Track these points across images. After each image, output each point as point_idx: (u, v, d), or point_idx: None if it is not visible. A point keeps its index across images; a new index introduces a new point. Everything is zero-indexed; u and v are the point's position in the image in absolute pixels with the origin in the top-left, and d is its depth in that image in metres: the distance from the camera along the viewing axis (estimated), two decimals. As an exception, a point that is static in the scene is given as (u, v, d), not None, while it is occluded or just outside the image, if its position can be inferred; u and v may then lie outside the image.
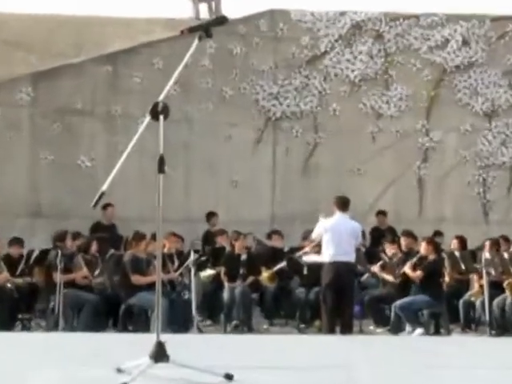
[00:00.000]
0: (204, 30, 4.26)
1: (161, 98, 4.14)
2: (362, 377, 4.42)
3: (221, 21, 4.44)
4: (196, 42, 4.28)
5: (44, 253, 11.87)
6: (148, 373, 3.98)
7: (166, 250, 11.84)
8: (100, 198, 4.14)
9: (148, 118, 4.15)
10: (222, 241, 13.18)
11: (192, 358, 4.24)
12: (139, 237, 11.53)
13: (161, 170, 4.14)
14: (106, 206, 13.13)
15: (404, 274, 11.90)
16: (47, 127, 14.70)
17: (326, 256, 10.91)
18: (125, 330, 10.99)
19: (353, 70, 15.83)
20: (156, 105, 4.09)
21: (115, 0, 19.77)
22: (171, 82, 4.27)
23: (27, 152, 14.62)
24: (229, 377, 4.05)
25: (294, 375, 4.40)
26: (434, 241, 12.58)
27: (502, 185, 15.91)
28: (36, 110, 14.74)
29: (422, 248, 11.98)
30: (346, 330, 10.68)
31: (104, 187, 4.11)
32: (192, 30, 4.34)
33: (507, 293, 11.81)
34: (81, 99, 14.86)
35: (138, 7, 21.33)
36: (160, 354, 4.02)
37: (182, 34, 4.42)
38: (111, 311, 11.66)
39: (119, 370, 4.18)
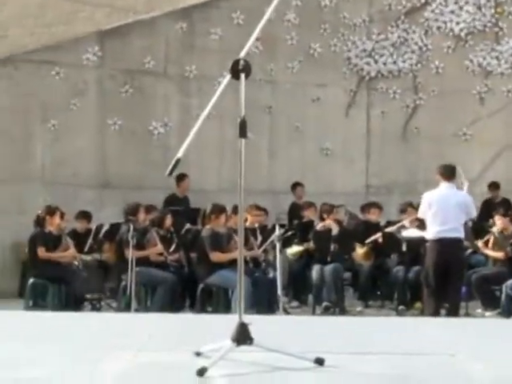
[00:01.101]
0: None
1: (242, 54, 4.16)
2: (469, 365, 4.40)
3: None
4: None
5: (114, 227, 12.01)
6: (230, 356, 4.03)
7: (248, 225, 11.90)
8: (176, 165, 4.17)
9: (228, 77, 4.17)
10: (309, 214, 13.18)
11: (278, 342, 4.26)
12: (218, 210, 11.59)
13: (242, 134, 4.15)
14: (181, 177, 13.23)
15: (516, 250, 11.79)
16: (116, 90, 14.72)
17: (431, 232, 10.82)
18: (203, 311, 11.13)
19: (458, 23, 15.63)
20: (237, 62, 4.10)
21: None
22: (253, 38, 4.27)
23: (94, 118, 14.63)
24: (320, 361, 4.08)
25: (392, 361, 4.40)
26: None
27: None
28: (103, 72, 14.76)
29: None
30: (452, 312, 10.62)
31: (180, 153, 4.15)
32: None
33: None
34: (152, 59, 14.89)
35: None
36: (243, 337, 4.05)
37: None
38: (188, 291, 11.83)
39: (198, 354, 4.24)
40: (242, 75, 4.11)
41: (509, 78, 15.63)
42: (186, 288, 11.80)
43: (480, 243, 12.38)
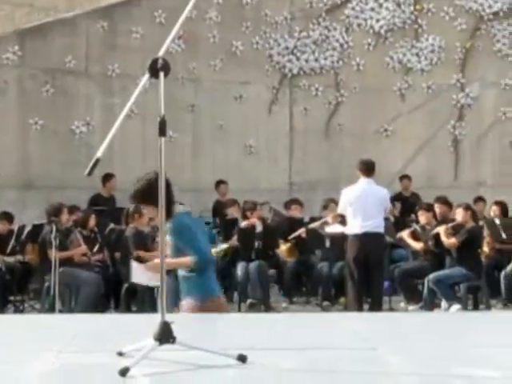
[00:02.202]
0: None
1: (160, 53, 4.14)
2: (392, 359, 4.44)
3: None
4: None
5: (37, 228, 11.90)
6: (152, 355, 4.01)
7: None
8: (95, 165, 4.13)
9: (147, 76, 4.15)
10: (233, 212, 13.22)
11: (201, 339, 4.25)
12: (141, 209, 11.56)
13: (162, 133, 4.13)
14: (107, 177, 13.17)
15: (437, 243, 11.92)
16: (37, 90, 14.66)
17: (352, 227, 10.93)
18: (128, 310, 11.12)
19: (378, 20, 15.81)
20: (155, 61, 4.07)
21: None
22: (171, 36, 4.26)
23: (15, 117, 14.59)
24: (242, 359, 4.08)
25: (316, 356, 4.42)
26: (472, 207, 12.59)
27: (547, 145, 15.93)
28: (24, 71, 14.67)
29: (459, 215, 11.99)
30: (375, 307, 10.73)
31: (99, 153, 4.11)
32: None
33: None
34: (74, 58, 14.83)
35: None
36: (165, 335, 4.03)
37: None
38: (113, 291, 11.77)
39: (121, 354, 4.21)
40: (161, 74, 4.09)
41: (428, 74, 15.86)
42: (111, 288, 11.74)
43: (405, 234, 12.53)
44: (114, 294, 11.75)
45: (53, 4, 15.16)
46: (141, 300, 11.32)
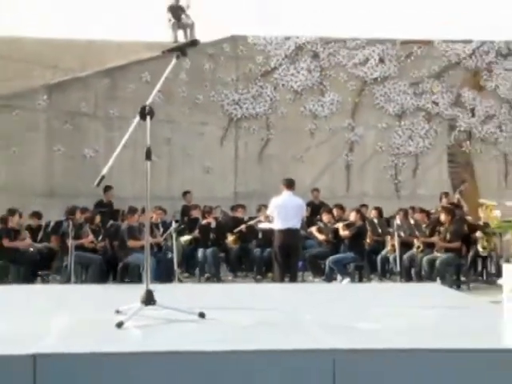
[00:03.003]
0: (181, 50, 4.22)
1: (148, 102, 4.11)
2: (305, 315, 4.44)
3: (194, 43, 4.39)
4: (174, 60, 4.23)
5: (58, 224, 11.77)
6: (140, 313, 3.98)
7: (153, 220, 11.80)
8: (101, 180, 4.10)
9: (137, 119, 4.11)
10: (196, 213, 13.15)
11: (174, 302, 4.22)
12: (132, 210, 11.50)
13: (148, 157, 4.11)
14: (107, 188, 13.07)
15: (336, 235, 11.99)
16: (59, 127, 14.56)
17: (278, 224, 10.93)
18: (122, 282, 10.97)
19: (296, 82, 15.85)
20: (144, 108, 4.05)
21: (111, 26, 19.57)
22: (155, 91, 4.23)
23: (44, 146, 14.50)
24: (202, 315, 4.06)
25: (252, 315, 4.41)
26: (360, 210, 12.69)
27: (409, 169, 16.08)
28: (51, 114, 14.57)
29: (351, 216, 12.08)
30: (293, 279, 10.74)
31: (104, 171, 4.08)
32: (171, 51, 4.29)
33: (415, 251, 11.96)
34: (86, 105, 14.73)
35: (129, 33, 21.05)
36: (149, 299, 4.02)
37: (163, 53, 4.37)
38: (111, 268, 11.65)
39: (118, 312, 4.17)
40: (148, 117, 4.06)
41: (330, 119, 15.93)
42: (110, 266, 11.61)
43: (314, 229, 12.58)
44: (112, 270, 11.61)
45: (71, 66, 14.98)
46: (131, 274, 11.21)
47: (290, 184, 11.12)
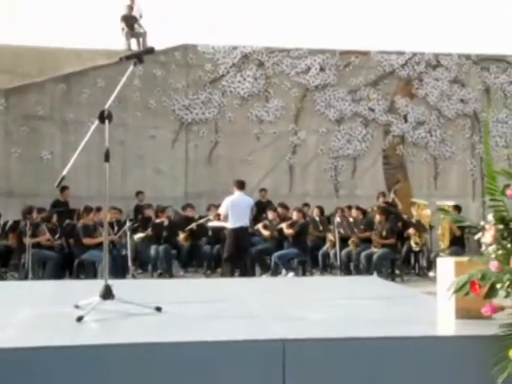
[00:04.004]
0: (138, 57, 4.17)
1: (106, 106, 4.05)
2: (253, 306, 4.46)
3: (150, 51, 4.35)
4: (131, 67, 4.18)
5: (16, 223, 11.50)
6: (99, 308, 3.93)
7: (108, 219, 11.64)
8: (61, 180, 4.04)
9: (97, 122, 4.05)
10: (149, 212, 13.06)
11: (130, 297, 4.18)
12: (87, 210, 11.36)
13: (107, 159, 4.06)
14: (63, 188, 12.84)
15: (280, 231, 12.06)
16: (17, 129, 14.23)
17: (231, 223, 10.94)
18: (77, 278, 10.83)
19: (243, 89, 15.85)
20: (103, 112, 3.99)
21: (68, 34, 19.30)
22: (113, 96, 4.17)
23: (2, 148, 14.12)
24: (158, 309, 4.04)
25: (204, 307, 4.41)
26: (303, 209, 12.79)
27: (347, 170, 16.24)
28: (8, 117, 14.23)
29: (294, 215, 12.16)
30: (242, 274, 10.77)
31: (64, 172, 4.01)
32: (129, 58, 4.24)
33: (351, 246, 12.14)
34: (42, 108, 14.44)
35: (85, 40, 20.81)
36: (107, 294, 3.97)
37: (120, 60, 4.31)
38: (67, 265, 11.48)
39: (77, 307, 4.11)
40: (107, 121, 4.01)
41: (274, 124, 15.97)
42: (66, 263, 11.44)
43: (260, 226, 12.62)
44: (69, 267, 11.44)
45: (28, 71, 14.69)
46: (86, 271, 11.07)
47: (240, 185, 11.18)
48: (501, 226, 3.32)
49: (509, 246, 3.25)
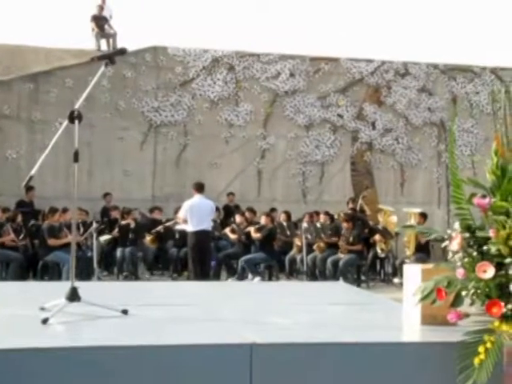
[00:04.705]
0: (109, 58, 4.13)
1: (76, 106, 4.01)
2: (220, 310, 4.45)
3: (122, 51, 4.31)
4: (103, 67, 4.14)
5: (-21, 223, 11.35)
6: (65, 310, 3.88)
7: (72, 221, 11.56)
8: (29, 180, 3.98)
9: (66, 122, 4.00)
10: (115, 214, 12.97)
11: (96, 299, 4.13)
12: (53, 210, 11.26)
13: (76, 160, 4.01)
14: (29, 188, 12.68)
15: (248, 236, 12.08)
16: (-19, 128, 14.06)
17: (190, 227, 10.92)
18: (41, 280, 10.70)
19: (212, 92, 15.85)
20: (73, 112, 3.94)
21: (36, 33, 19.07)
22: (84, 96, 4.12)
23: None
24: (125, 311, 4.00)
25: (172, 311, 4.37)
26: (270, 214, 12.82)
27: (315, 176, 16.34)
28: (-28, 116, 14.06)
29: (262, 219, 12.19)
30: (206, 278, 10.74)
31: (32, 172, 3.96)
32: (100, 58, 4.20)
33: (317, 252, 12.20)
34: (9, 107, 14.26)
35: (53, 39, 20.61)
36: (74, 296, 3.92)
37: (92, 60, 4.27)
38: (32, 266, 11.34)
39: (42, 309, 4.04)
40: (76, 121, 3.97)
41: (243, 128, 16.00)
42: (30, 264, 11.30)
43: (227, 230, 12.62)
44: (33, 268, 11.30)
45: (-6, 70, 14.57)
46: (51, 272, 10.95)
47: (199, 187, 11.14)
48: (467, 234, 3.37)
49: (475, 253, 3.29)
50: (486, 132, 17.01)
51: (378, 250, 12.55)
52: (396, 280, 12.20)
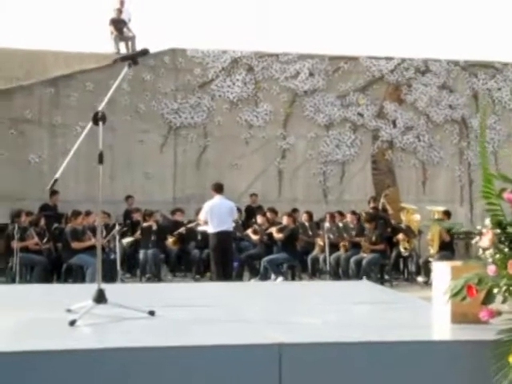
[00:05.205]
0: (132, 59, 4.12)
1: (100, 108, 4.00)
2: (242, 310, 4.42)
3: (144, 52, 4.29)
4: (126, 68, 4.13)
5: (4, 226, 11.42)
6: (92, 312, 3.87)
7: (96, 223, 11.58)
8: (54, 183, 3.99)
9: (90, 124, 3.99)
10: (137, 216, 13.02)
11: (122, 301, 4.12)
12: (76, 214, 11.29)
13: (101, 162, 4.01)
14: (53, 192, 12.76)
15: (270, 236, 12.05)
16: (5, 132, 14.10)
17: (211, 228, 10.91)
18: (65, 282, 10.74)
19: (232, 93, 15.83)
20: (97, 113, 3.94)
21: (56, 37, 19.21)
22: (107, 97, 4.11)
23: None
24: (152, 313, 3.99)
25: (197, 312, 4.36)
26: (292, 214, 12.78)
27: (336, 175, 16.26)
28: (-3, 120, 14.18)
29: (284, 219, 12.16)
30: (229, 278, 10.72)
31: (57, 175, 3.96)
32: (123, 59, 4.19)
33: (341, 251, 12.14)
34: (30, 112, 14.35)
35: (72, 43, 20.74)
36: (100, 298, 3.91)
37: (115, 62, 4.29)
38: (55, 269, 11.40)
39: (69, 311, 4.05)
40: (101, 123, 3.96)
41: (263, 128, 15.97)
42: (54, 267, 11.36)
43: (250, 231, 12.62)
44: (56, 271, 11.36)
45: (15, 74, 14.64)
46: (75, 275, 11.00)
47: (218, 188, 11.13)
48: (498, 230, 3.31)
49: (506, 250, 3.23)
50: (509, 128, 16.87)
51: (401, 249, 12.46)
52: (420, 279, 12.11)
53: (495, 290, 3.22)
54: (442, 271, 3.77)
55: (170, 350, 3.10)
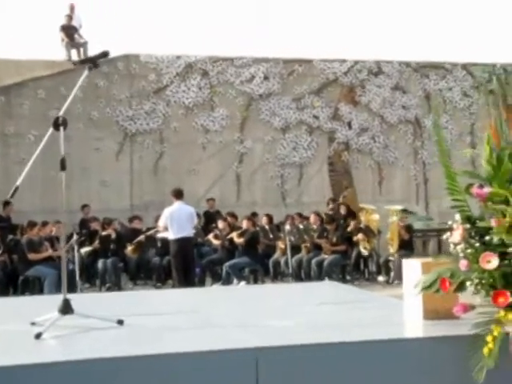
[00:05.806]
0: (92, 62, 4.02)
1: (60, 113, 3.89)
2: (210, 316, 4.35)
3: (105, 54, 4.19)
4: (86, 71, 4.02)
5: (-43, 240, 11.12)
6: (57, 323, 3.75)
7: (54, 233, 11.37)
8: (15, 191, 3.85)
9: (51, 130, 3.87)
10: (95, 225, 12.78)
11: (89, 311, 4.00)
12: (32, 224, 11.05)
13: (63, 168, 3.89)
14: (6, 203, 12.46)
15: (231, 241, 11.99)
16: (-46, 143, 13.79)
17: (171, 234, 10.82)
18: (22, 295, 10.48)
19: (187, 98, 15.74)
20: (57, 118, 3.83)
21: (6, 44, 18.81)
22: (68, 102, 4.02)
23: None
24: (120, 322, 3.88)
25: (165, 319, 4.27)
26: (252, 218, 12.75)
27: (294, 178, 16.31)
28: None
29: (244, 223, 12.11)
30: (191, 285, 10.62)
31: (18, 183, 3.83)
32: (83, 62, 4.09)
33: (303, 252, 12.15)
34: (-19, 122, 14.03)
35: (23, 50, 20.33)
36: (67, 308, 3.79)
37: (74, 65, 4.17)
38: (11, 282, 11.13)
39: (33, 324, 3.91)
40: (61, 128, 3.85)
41: (220, 133, 15.91)
42: (10, 280, 11.08)
43: (210, 236, 12.54)
44: (12, 284, 11.08)
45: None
46: (32, 287, 10.75)
47: (178, 194, 11.06)
48: (468, 225, 3.32)
49: (477, 244, 3.24)
50: (461, 127, 17.15)
51: (362, 249, 12.54)
52: (380, 278, 12.21)
53: (468, 283, 3.23)
54: (412, 268, 3.77)
55: (144, 359, 3.01)
